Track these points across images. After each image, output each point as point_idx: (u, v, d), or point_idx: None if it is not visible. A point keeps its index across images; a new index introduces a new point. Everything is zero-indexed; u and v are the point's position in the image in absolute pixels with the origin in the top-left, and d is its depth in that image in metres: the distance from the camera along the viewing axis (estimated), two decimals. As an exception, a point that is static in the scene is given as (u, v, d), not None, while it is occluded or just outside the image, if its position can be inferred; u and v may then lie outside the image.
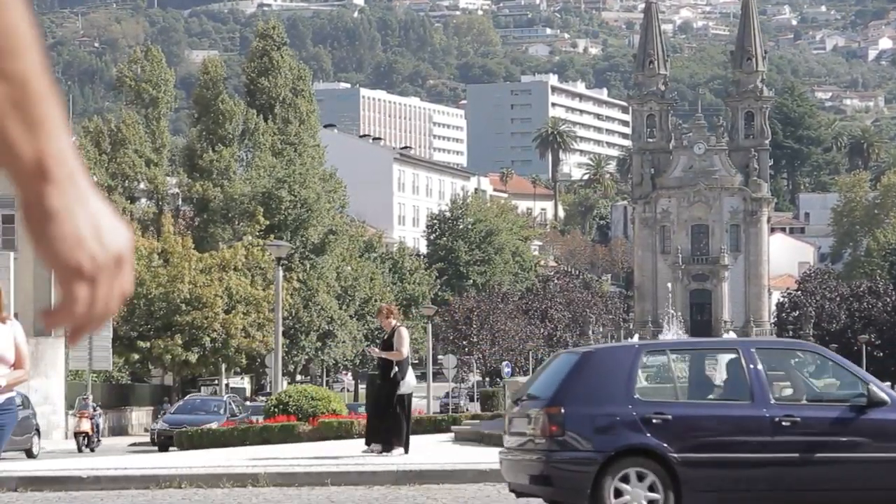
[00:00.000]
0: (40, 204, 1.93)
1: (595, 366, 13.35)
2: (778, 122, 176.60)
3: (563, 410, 12.86)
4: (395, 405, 21.61)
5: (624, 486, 12.69)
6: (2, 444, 11.16)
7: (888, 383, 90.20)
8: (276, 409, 32.02)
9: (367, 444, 22.40)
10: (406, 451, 21.74)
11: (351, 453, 22.81)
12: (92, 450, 45.86)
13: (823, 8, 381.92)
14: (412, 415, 23.48)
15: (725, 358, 13.97)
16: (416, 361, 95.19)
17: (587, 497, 12.68)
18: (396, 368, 21.53)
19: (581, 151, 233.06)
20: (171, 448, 38.77)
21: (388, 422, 21.81)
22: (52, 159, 1.94)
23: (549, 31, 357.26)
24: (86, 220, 1.95)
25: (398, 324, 22.14)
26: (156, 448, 44.75)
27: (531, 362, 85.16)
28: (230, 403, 51.02)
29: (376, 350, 22.59)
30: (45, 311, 1.99)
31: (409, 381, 21.77)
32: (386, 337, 22.13)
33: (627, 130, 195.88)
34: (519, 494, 13.93)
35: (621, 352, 14.28)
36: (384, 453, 21.59)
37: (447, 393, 72.71)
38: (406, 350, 21.60)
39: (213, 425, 39.69)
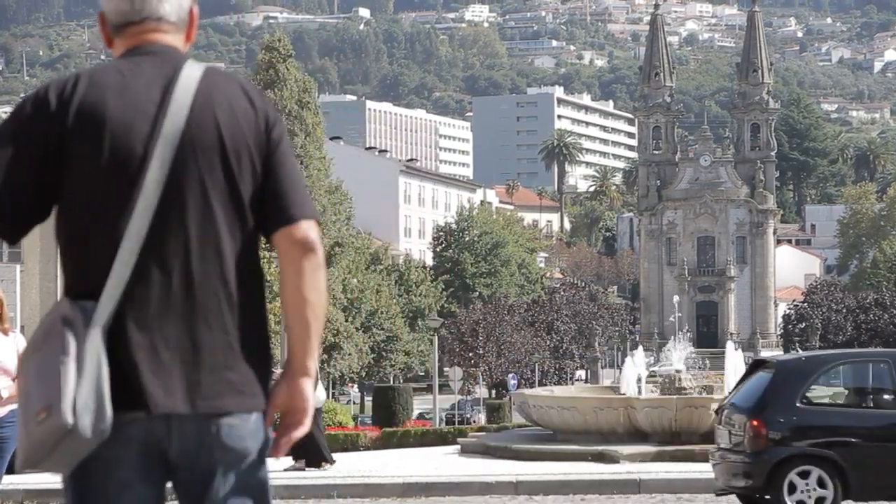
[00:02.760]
0: (303, 380, 3.81)
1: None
2: (784, 134, 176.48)
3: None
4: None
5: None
6: (6, 457, 11.17)
7: None
8: (281, 422, 31.94)
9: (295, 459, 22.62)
10: (332, 463, 22.65)
11: (358, 465, 22.81)
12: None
13: (829, 20, 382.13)
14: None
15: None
16: (423, 374, 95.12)
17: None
18: None
19: (587, 163, 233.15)
20: None
21: (302, 438, 22.05)
22: (313, 365, 3.82)
23: (554, 43, 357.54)
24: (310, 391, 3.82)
25: None
26: None
27: (537, 374, 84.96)
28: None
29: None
30: (276, 444, 3.80)
31: (319, 396, 22.16)
32: None
33: (633, 142, 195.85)
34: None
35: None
36: (308, 468, 22.04)
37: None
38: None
39: None
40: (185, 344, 3.65)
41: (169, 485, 3.80)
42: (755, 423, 14.49)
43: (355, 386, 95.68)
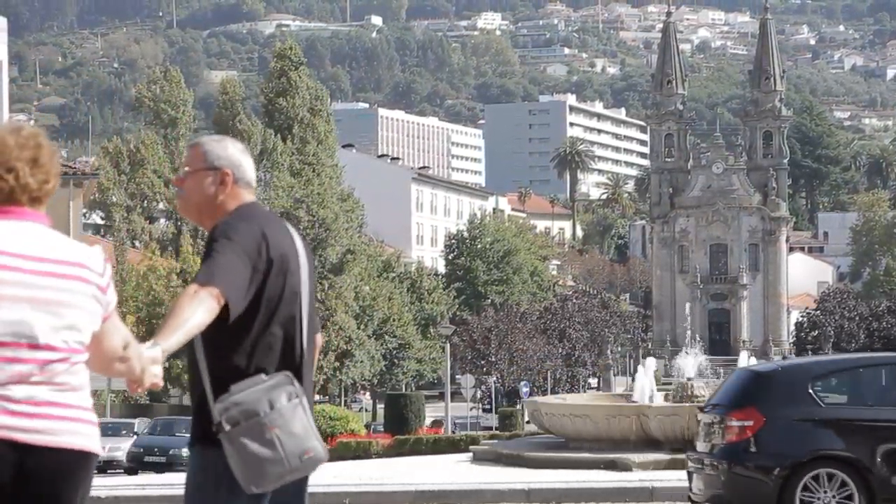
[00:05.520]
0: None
1: None
2: (796, 142, 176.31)
3: None
4: None
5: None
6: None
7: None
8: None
9: None
10: None
11: (370, 473, 22.80)
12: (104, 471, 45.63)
13: (841, 27, 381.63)
14: None
15: None
16: (435, 381, 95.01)
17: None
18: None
19: (599, 171, 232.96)
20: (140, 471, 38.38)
21: None
22: None
23: (567, 50, 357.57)
24: None
25: None
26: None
27: (549, 382, 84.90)
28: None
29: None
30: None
31: None
32: None
33: (645, 150, 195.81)
34: None
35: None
36: None
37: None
38: None
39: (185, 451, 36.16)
40: (310, 397, 5.53)
41: None
42: None
43: (367, 393, 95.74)
